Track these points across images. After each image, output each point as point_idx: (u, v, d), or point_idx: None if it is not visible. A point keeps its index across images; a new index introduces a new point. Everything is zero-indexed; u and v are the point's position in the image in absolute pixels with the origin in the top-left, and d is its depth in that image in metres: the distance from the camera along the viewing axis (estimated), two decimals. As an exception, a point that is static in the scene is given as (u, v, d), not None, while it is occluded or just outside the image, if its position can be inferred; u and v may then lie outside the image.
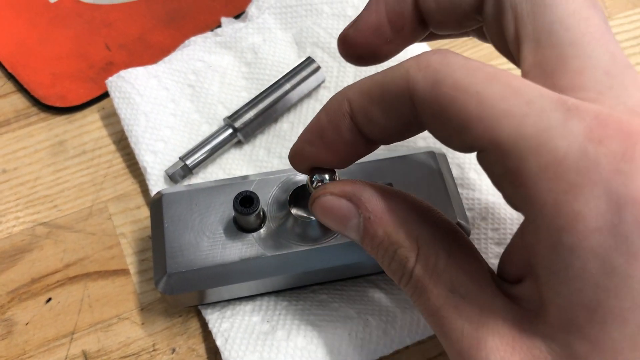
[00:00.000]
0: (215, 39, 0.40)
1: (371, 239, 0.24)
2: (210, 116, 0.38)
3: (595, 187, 0.18)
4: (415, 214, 0.24)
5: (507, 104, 0.19)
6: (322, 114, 0.25)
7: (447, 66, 0.20)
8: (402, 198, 0.24)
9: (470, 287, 0.22)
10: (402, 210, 0.24)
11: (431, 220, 0.24)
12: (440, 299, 0.22)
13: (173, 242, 0.29)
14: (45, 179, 0.37)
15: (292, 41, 0.41)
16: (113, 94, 0.38)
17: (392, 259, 0.24)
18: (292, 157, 0.26)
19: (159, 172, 0.35)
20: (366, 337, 0.30)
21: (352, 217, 0.25)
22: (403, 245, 0.23)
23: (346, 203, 0.25)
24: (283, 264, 0.29)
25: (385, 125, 0.23)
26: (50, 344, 0.32)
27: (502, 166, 0.19)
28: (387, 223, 0.24)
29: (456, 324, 0.22)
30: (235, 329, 0.30)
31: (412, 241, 0.23)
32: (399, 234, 0.24)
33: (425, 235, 0.23)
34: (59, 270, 0.34)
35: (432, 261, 0.23)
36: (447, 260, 0.23)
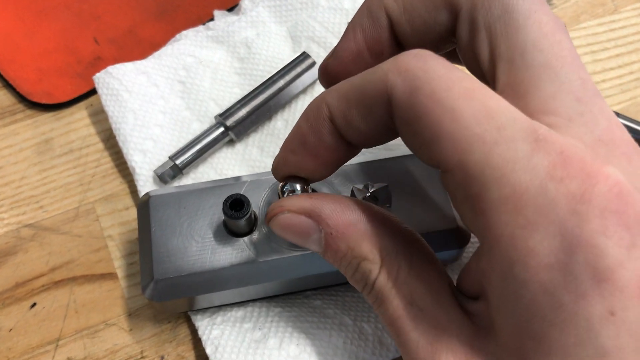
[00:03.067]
0: (207, 33, 0.39)
1: (334, 253, 0.25)
2: (201, 114, 0.37)
3: (551, 226, 0.18)
4: (377, 225, 0.24)
5: (479, 128, 0.19)
6: (302, 120, 0.25)
7: (427, 73, 0.20)
8: (363, 209, 0.25)
9: (428, 300, 0.23)
10: (364, 222, 0.24)
11: (394, 230, 0.24)
12: (399, 310, 0.23)
13: (160, 246, 0.29)
14: (30, 179, 0.36)
15: (287, 35, 0.39)
16: (101, 91, 0.37)
17: (355, 271, 0.24)
18: (275, 168, 0.26)
19: (147, 172, 0.34)
20: (361, 345, 0.29)
21: (312, 233, 0.25)
22: (367, 258, 0.24)
23: (305, 219, 0.25)
24: (275, 269, 0.29)
25: (365, 129, 0.23)
26: (34, 351, 0.31)
27: (465, 190, 0.20)
28: (349, 238, 0.24)
29: (412, 336, 0.23)
30: (225, 337, 0.29)
31: (375, 254, 0.24)
32: (362, 247, 0.24)
33: (388, 247, 0.24)
34: (44, 274, 0.33)
35: (393, 273, 0.23)
36: (408, 272, 0.23)
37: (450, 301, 0.23)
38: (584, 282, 0.18)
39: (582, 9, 0.43)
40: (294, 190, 0.26)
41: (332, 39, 0.39)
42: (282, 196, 0.26)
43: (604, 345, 0.18)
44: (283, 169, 0.26)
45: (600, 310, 0.18)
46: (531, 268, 0.19)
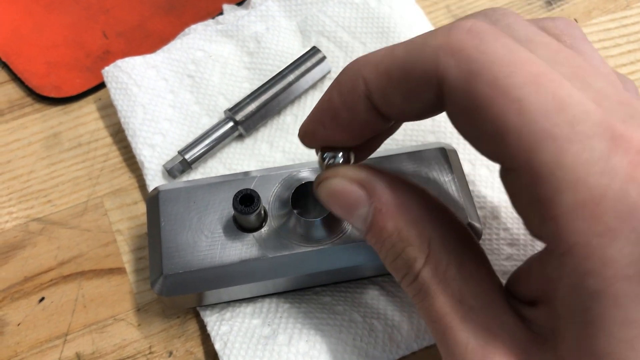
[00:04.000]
0: (216, 27, 0.39)
1: (378, 232, 0.23)
2: (210, 108, 0.36)
3: (633, 234, 0.17)
4: (430, 213, 0.23)
5: (550, 122, 0.17)
6: (334, 93, 0.23)
7: (485, 54, 0.18)
8: (418, 194, 0.23)
9: (480, 299, 0.21)
10: (417, 207, 0.23)
11: (446, 222, 0.23)
12: (446, 307, 0.21)
13: (170, 241, 0.28)
14: (39, 173, 0.36)
15: (297, 30, 0.39)
16: (109, 85, 0.36)
17: (397, 256, 0.23)
18: (302, 137, 0.25)
19: (156, 167, 0.34)
20: (371, 342, 0.29)
21: (360, 206, 0.23)
22: (413, 245, 0.22)
23: (357, 189, 0.24)
24: (285, 265, 0.28)
25: (408, 108, 0.21)
26: (42, 345, 0.31)
27: (532, 193, 0.18)
28: (399, 218, 0.23)
29: (461, 337, 0.21)
30: (234, 333, 0.29)
31: (424, 242, 0.22)
32: (410, 231, 0.22)
33: (438, 238, 0.22)
34: (52, 268, 0.33)
35: (442, 267, 0.22)
36: (458, 269, 0.22)
37: (502, 303, 0.21)
38: None
39: (594, 4, 0.43)
40: (334, 158, 0.25)
41: (342, 33, 0.39)
42: (323, 164, 0.25)
43: None
44: (311, 140, 0.25)
45: None
46: (606, 279, 0.17)
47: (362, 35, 0.39)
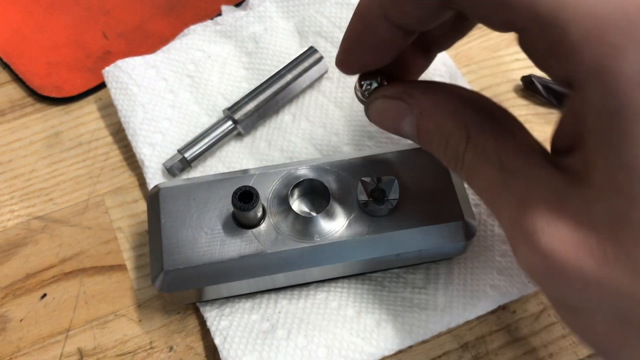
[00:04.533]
0: (215, 28, 0.39)
1: (425, 133, 0.26)
2: (209, 107, 0.37)
3: (638, 45, 0.18)
4: (463, 103, 0.25)
5: None
6: (356, 21, 0.26)
7: None
8: (450, 90, 0.26)
9: (518, 163, 0.23)
10: (451, 101, 0.25)
11: (479, 106, 0.25)
12: (489, 178, 0.23)
13: (170, 238, 0.29)
14: (40, 172, 0.36)
15: (294, 30, 0.40)
16: (110, 85, 0.37)
17: (446, 148, 0.25)
18: (339, 66, 0.28)
19: (156, 165, 0.35)
20: (367, 336, 0.29)
21: (405, 115, 0.27)
22: (454, 135, 0.25)
23: (398, 103, 0.27)
24: (283, 261, 0.29)
25: (422, 15, 0.24)
26: (45, 341, 0.31)
27: (545, 42, 0.20)
28: (437, 116, 0.25)
29: (505, 198, 0.23)
30: (234, 328, 0.30)
31: (462, 129, 0.24)
32: (448, 124, 0.25)
33: (473, 121, 0.24)
34: (54, 265, 0.33)
35: (480, 145, 0.24)
36: (495, 143, 0.24)
37: (541, 160, 0.23)
38: None
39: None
40: (370, 84, 0.28)
41: (339, 34, 0.39)
42: (361, 90, 0.28)
43: None
44: (347, 67, 0.28)
45: None
46: (624, 94, 0.18)
47: None
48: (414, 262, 0.31)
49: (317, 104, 0.37)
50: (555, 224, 0.21)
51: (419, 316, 0.30)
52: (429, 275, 0.32)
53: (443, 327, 0.30)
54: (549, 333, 0.32)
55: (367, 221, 0.30)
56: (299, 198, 0.32)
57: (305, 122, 0.37)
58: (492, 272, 0.31)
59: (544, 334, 0.32)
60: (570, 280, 0.20)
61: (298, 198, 0.32)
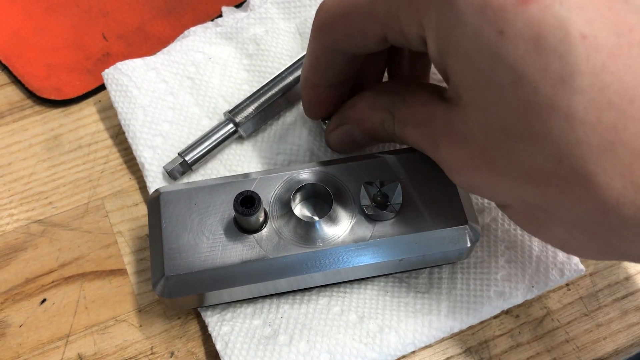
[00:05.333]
0: (215, 30, 0.39)
1: (372, 133, 0.32)
2: (210, 110, 0.37)
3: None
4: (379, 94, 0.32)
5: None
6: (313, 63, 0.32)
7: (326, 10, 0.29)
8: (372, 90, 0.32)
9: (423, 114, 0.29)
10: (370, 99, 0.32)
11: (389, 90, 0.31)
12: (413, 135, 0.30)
13: (171, 243, 0.28)
14: (40, 175, 0.36)
15: (296, 32, 0.39)
16: (110, 87, 0.37)
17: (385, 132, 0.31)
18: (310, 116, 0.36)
19: (157, 169, 0.34)
20: (370, 342, 0.29)
21: (352, 132, 0.33)
22: (383, 119, 0.31)
23: (341, 128, 0.34)
24: (285, 266, 0.29)
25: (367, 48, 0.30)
26: (44, 346, 0.31)
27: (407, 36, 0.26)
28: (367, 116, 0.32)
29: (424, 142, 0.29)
30: (235, 333, 0.29)
31: (385, 112, 0.31)
32: (375, 115, 0.31)
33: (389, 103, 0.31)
34: (54, 270, 0.33)
35: (401, 116, 0.30)
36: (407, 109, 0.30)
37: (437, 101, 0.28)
38: None
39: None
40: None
41: None
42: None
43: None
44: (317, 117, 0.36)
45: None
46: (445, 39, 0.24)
47: None
48: (417, 267, 0.31)
49: None
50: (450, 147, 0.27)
51: (422, 321, 0.30)
52: (432, 280, 0.32)
53: (446, 332, 0.30)
54: (553, 338, 0.32)
55: (370, 226, 0.29)
56: (301, 202, 0.32)
57: (308, 123, 0.36)
58: (496, 277, 0.31)
59: (547, 339, 0.32)
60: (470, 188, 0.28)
61: (300, 202, 0.32)
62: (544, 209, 0.24)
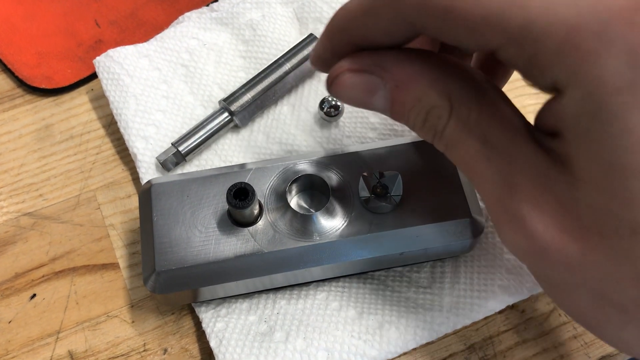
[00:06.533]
0: (210, 15, 0.38)
1: (401, 106, 0.25)
2: (205, 98, 0.36)
3: (612, 47, 0.18)
4: (445, 71, 0.24)
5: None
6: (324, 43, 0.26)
7: None
8: (427, 57, 0.24)
9: (502, 138, 0.23)
10: (429, 70, 0.24)
11: (462, 74, 0.24)
12: (471, 151, 0.23)
13: (162, 237, 0.28)
14: (30, 166, 0.35)
15: (294, 16, 0.38)
16: (101, 75, 0.36)
17: (424, 121, 0.24)
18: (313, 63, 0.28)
19: (150, 159, 0.33)
20: (368, 339, 0.28)
21: (376, 91, 0.25)
22: (436, 105, 0.24)
23: (368, 77, 0.25)
24: (281, 261, 0.28)
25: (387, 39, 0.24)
26: (34, 343, 0.30)
27: (523, 56, 0.20)
28: (416, 88, 0.24)
29: (487, 174, 0.23)
30: (230, 330, 0.29)
31: (444, 99, 0.24)
32: (430, 95, 0.24)
33: (457, 91, 0.24)
34: (44, 264, 0.32)
35: (464, 116, 0.23)
36: (479, 113, 0.23)
37: (525, 137, 0.23)
38: None
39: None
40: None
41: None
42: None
43: None
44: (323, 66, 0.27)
45: None
46: (599, 96, 0.19)
47: None
48: (418, 261, 0.30)
49: (317, 94, 0.36)
50: (541, 207, 0.21)
51: (423, 317, 0.29)
52: (434, 274, 0.31)
53: (449, 328, 0.29)
54: (560, 334, 0.31)
55: (369, 218, 0.28)
56: (298, 194, 0.31)
57: (305, 113, 0.35)
58: (501, 270, 0.30)
59: (554, 335, 0.31)
60: (554, 261, 0.21)
61: (297, 194, 0.31)
62: None
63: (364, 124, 0.35)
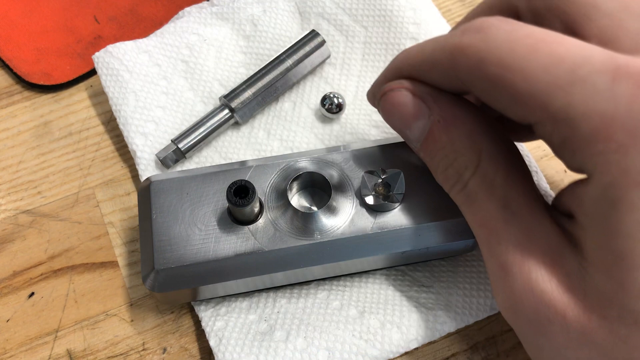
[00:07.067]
0: (211, 10, 0.38)
1: (433, 143, 0.26)
2: (205, 95, 0.35)
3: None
4: (482, 127, 0.25)
5: (551, 76, 0.21)
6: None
7: (489, 43, 0.22)
8: (472, 110, 0.26)
9: (522, 205, 0.24)
10: (471, 121, 0.26)
11: (496, 136, 0.26)
12: (491, 211, 0.25)
13: (162, 234, 0.27)
14: (28, 163, 0.35)
15: (296, 11, 0.38)
16: (100, 71, 0.35)
17: (449, 165, 0.26)
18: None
19: (149, 156, 0.33)
20: (370, 339, 0.28)
21: (420, 118, 0.27)
22: (465, 155, 0.25)
23: (419, 102, 0.27)
24: (282, 259, 0.27)
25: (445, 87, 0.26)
26: (32, 342, 0.30)
27: (558, 136, 0.22)
28: (454, 130, 0.26)
29: (503, 238, 0.24)
30: (230, 329, 0.28)
31: (475, 152, 0.25)
32: (463, 142, 0.25)
33: (488, 150, 0.25)
34: (42, 262, 0.32)
35: (490, 175, 0.25)
36: (505, 178, 0.25)
37: (542, 211, 0.24)
38: None
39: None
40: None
41: (342, 16, 0.37)
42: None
43: None
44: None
45: None
46: (623, 188, 0.20)
47: (363, 18, 0.37)
48: (420, 260, 0.30)
49: (319, 91, 0.36)
50: (550, 279, 0.23)
51: (425, 317, 0.29)
52: (436, 273, 0.31)
53: (452, 327, 0.29)
54: (564, 334, 0.30)
55: (371, 217, 0.28)
56: (299, 192, 0.30)
57: (307, 109, 0.35)
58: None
59: (558, 335, 0.30)
60: (552, 334, 0.23)
61: (298, 192, 0.30)
62: None
63: (366, 121, 0.35)
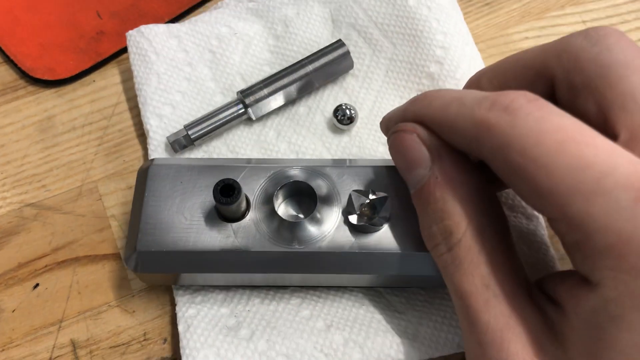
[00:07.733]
0: (248, 5, 0.44)
1: (426, 196, 0.30)
2: (226, 87, 0.39)
3: None
4: (478, 197, 0.28)
5: (576, 180, 0.23)
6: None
7: (516, 129, 0.24)
8: (472, 174, 0.29)
9: (505, 288, 0.26)
10: (468, 187, 0.28)
11: (489, 210, 0.28)
12: (472, 288, 0.26)
13: (149, 217, 0.31)
14: (33, 157, 0.38)
15: (329, 18, 0.42)
16: (130, 49, 0.48)
17: (435, 223, 0.29)
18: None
19: (161, 138, 0.39)
20: (331, 353, 0.31)
21: (422, 167, 0.29)
22: (452, 220, 0.28)
23: (425, 151, 0.29)
24: (257, 262, 0.34)
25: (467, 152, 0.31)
26: (37, 332, 0.33)
27: (571, 237, 0.24)
28: (448, 191, 0.28)
29: (483, 318, 0.25)
30: (200, 318, 0.33)
31: (463, 220, 0.27)
32: (454, 207, 0.27)
33: (478, 222, 0.28)
34: (47, 254, 0.35)
35: (474, 249, 0.27)
36: (489, 256, 0.27)
37: (525, 296, 0.27)
38: None
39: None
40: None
41: (373, 29, 0.41)
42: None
43: None
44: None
45: None
46: (626, 307, 0.22)
47: (393, 34, 0.42)
48: (396, 285, 0.33)
49: (335, 100, 0.39)
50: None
51: (390, 343, 0.35)
52: (412, 300, 0.37)
53: (414, 358, 0.35)
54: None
55: (352, 236, 0.34)
56: (288, 199, 0.34)
57: (320, 117, 0.39)
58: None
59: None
60: None
61: (286, 199, 0.33)
62: None
63: (375, 137, 0.37)
